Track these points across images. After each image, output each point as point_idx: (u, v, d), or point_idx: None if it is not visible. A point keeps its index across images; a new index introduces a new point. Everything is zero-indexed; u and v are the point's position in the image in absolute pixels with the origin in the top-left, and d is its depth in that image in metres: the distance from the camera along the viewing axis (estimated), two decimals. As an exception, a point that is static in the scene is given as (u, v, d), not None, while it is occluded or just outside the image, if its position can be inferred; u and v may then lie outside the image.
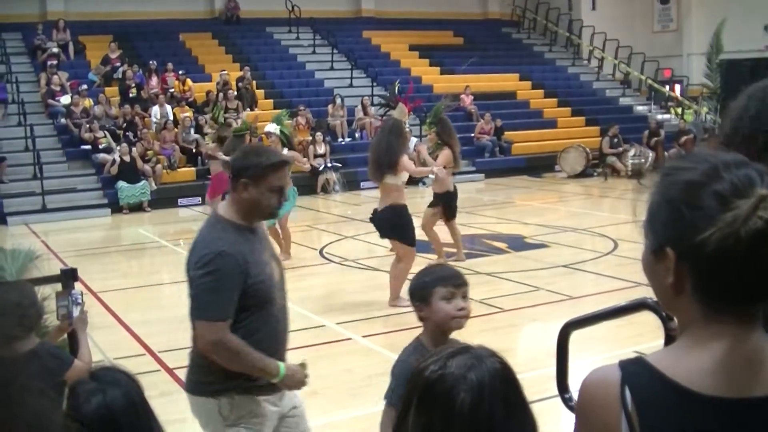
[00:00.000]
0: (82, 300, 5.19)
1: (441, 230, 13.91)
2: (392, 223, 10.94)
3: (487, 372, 1.92)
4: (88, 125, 23.76)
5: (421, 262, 11.83)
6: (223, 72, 27.62)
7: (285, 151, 14.30)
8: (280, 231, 14.59)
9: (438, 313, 4.00)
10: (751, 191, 1.65)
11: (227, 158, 16.00)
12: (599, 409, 1.78)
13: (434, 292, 4.01)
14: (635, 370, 1.76)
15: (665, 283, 1.77)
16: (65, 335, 5.23)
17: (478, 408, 1.88)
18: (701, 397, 1.68)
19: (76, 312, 5.09)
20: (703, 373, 1.70)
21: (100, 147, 23.38)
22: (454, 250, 13.96)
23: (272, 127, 14.61)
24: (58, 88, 25.27)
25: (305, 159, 15.04)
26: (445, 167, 12.92)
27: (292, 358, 9.19)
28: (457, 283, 4.09)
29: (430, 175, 13.56)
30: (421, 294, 4.06)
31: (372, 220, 11.28)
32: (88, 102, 24.85)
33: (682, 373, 1.71)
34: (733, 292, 1.68)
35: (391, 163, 10.69)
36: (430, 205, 13.80)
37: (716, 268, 1.67)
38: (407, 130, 11.96)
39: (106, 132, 23.76)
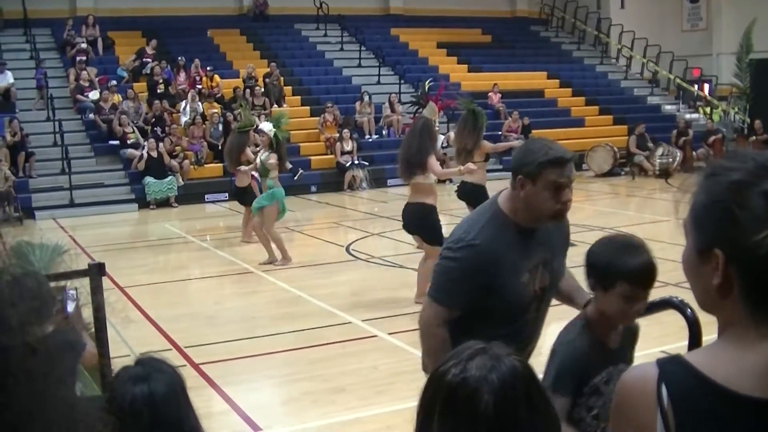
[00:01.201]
0: (77, 296, 5.19)
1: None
2: (418, 219, 10.95)
3: (508, 371, 1.91)
4: (118, 120, 23.84)
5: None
6: (249, 66, 27.68)
7: (264, 153, 14.14)
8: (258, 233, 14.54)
9: (611, 307, 3.69)
10: None
11: (247, 168, 16.01)
12: (635, 406, 1.77)
13: (618, 284, 3.61)
14: (672, 369, 1.75)
15: (710, 284, 1.75)
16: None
17: (502, 408, 1.87)
18: (740, 397, 1.66)
19: (70, 307, 5.09)
20: (745, 374, 1.68)
21: (129, 142, 23.47)
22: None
23: (266, 126, 14.44)
24: (86, 84, 25.39)
25: (286, 166, 14.72)
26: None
27: (319, 354, 9.24)
28: (647, 283, 3.66)
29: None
30: (604, 278, 3.70)
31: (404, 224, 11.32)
32: (116, 97, 24.96)
33: (721, 372, 1.69)
34: None
35: (421, 163, 10.68)
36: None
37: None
38: (436, 128, 11.96)
39: (134, 128, 23.88)
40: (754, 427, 1.67)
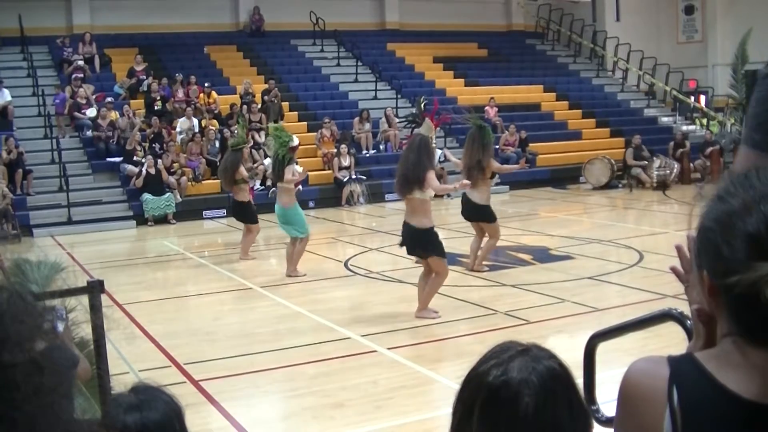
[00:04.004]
0: (66, 316, 5.19)
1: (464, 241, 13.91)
2: (420, 243, 11.02)
3: (548, 373, 1.92)
4: (123, 136, 23.92)
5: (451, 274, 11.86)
6: (246, 82, 27.71)
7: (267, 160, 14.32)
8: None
9: None
10: None
11: (246, 175, 16.03)
12: (644, 402, 1.80)
13: None
14: (684, 370, 1.78)
15: (704, 294, 1.81)
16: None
17: (542, 411, 1.88)
18: (745, 402, 1.69)
19: (60, 327, 5.09)
20: (748, 378, 1.71)
21: (135, 159, 23.38)
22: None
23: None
24: (83, 101, 25.39)
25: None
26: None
27: (318, 370, 9.24)
28: None
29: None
30: None
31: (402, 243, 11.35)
32: (114, 114, 24.96)
33: (729, 376, 1.73)
34: (763, 329, 1.69)
35: (418, 179, 10.72)
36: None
37: (745, 308, 1.68)
38: (433, 144, 12.03)
39: (142, 144, 23.90)
40: None
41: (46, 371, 1.28)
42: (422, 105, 13.44)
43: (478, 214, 14.02)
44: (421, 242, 11.05)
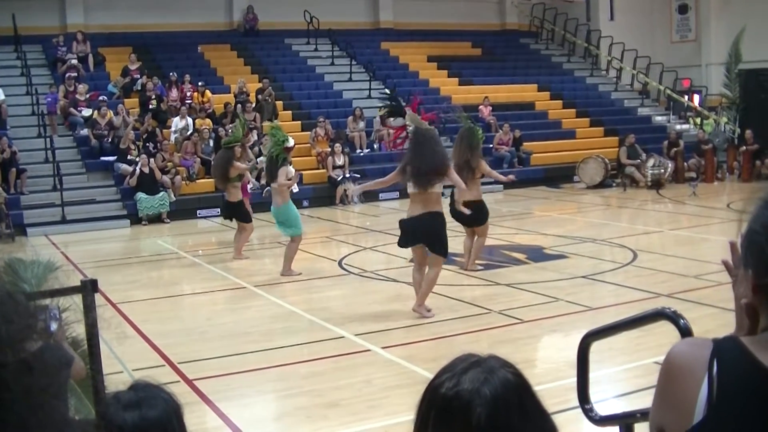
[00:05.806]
0: (60, 315, 5.17)
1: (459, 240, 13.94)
2: (434, 230, 10.97)
3: (500, 384, 1.93)
4: (117, 135, 23.92)
5: (443, 273, 11.86)
6: (240, 81, 27.70)
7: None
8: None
9: None
10: None
11: (245, 166, 16.01)
12: (683, 373, 1.93)
13: None
14: (727, 348, 1.90)
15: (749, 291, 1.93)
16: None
17: (495, 420, 1.89)
18: None
19: (53, 326, 5.07)
20: None
21: (129, 158, 23.35)
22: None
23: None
24: (82, 98, 25.36)
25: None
26: None
27: (312, 369, 9.23)
28: None
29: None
30: None
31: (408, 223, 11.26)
32: (108, 113, 24.91)
33: (766, 358, 1.84)
34: None
35: (446, 171, 10.83)
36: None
37: None
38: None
39: (137, 143, 23.86)
40: None
41: (36, 372, 1.28)
42: (394, 94, 13.41)
43: (474, 216, 13.90)
44: (432, 231, 11.00)
